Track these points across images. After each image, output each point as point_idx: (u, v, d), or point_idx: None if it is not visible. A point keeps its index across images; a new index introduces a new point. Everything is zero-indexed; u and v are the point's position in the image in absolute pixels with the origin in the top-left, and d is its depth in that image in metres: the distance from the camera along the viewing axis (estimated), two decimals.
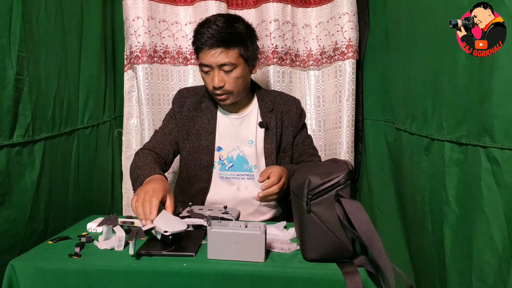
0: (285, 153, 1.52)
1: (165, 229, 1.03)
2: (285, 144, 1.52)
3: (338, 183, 0.98)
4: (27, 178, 1.20)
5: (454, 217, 1.01)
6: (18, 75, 1.15)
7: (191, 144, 1.50)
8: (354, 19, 1.79)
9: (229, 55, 1.34)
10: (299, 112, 1.55)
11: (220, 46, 1.33)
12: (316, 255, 1.00)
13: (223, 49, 1.34)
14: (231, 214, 1.30)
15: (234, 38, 1.35)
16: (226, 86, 1.38)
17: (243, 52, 1.37)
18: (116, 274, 0.98)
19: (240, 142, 1.49)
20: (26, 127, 1.18)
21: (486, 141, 0.88)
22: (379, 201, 1.66)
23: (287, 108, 1.53)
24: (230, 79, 1.37)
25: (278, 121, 1.49)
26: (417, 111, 1.20)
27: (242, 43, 1.37)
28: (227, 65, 1.35)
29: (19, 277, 0.99)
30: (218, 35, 1.33)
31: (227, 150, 1.49)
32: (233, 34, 1.35)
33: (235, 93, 1.41)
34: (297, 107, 1.56)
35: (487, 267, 0.89)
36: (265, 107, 1.50)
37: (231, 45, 1.34)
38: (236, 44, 1.35)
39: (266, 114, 1.49)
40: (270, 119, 1.49)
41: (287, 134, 1.51)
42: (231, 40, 1.34)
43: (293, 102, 1.57)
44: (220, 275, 0.97)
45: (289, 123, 1.52)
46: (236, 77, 1.38)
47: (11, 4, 1.12)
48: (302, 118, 1.57)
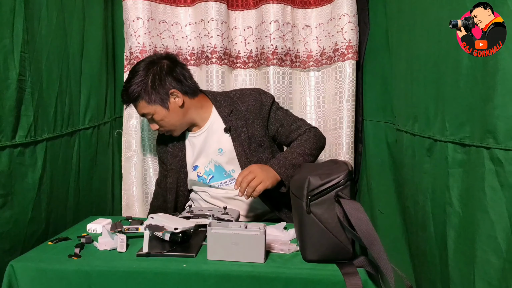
0: (262, 146, 1.49)
1: (175, 226, 1.02)
2: (259, 138, 1.49)
3: (338, 184, 0.98)
4: (29, 179, 1.20)
5: (458, 218, 1.01)
6: (21, 76, 1.15)
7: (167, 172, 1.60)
8: (354, 20, 1.79)
9: (139, 107, 1.45)
10: (258, 102, 1.50)
11: (128, 103, 1.47)
12: (316, 256, 0.99)
13: (132, 104, 1.46)
14: (231, 215, 1.30)
15: (131, 98, 1.43)
16: (160, 128, 1.48)
17: (148, 102, 1.43)
18: (116, 275, 0.98)
19: (211, 154, 1.51)
20: (28, 127, 1.18)
21: (489, 142, 0.87)
22: (379, 201, 1.66)
23: (245, 104, 1.50)
24: (158, 122, 1.46)
25: (240, 120, 1.49)
26: (419, 112, 1.19)
27: (141, 98, 1.42)
28: (145, 114, 1.46)
29: (19, 278, 0.99)
30: (124, 96, 1.46)
31: (203, 165, 1.52)
32: (129, 95, 1.43)
33: (172, 128, 1.49)
34: (255, 98, 1.51)
35: (490, 268, 0.89)
36: (225, 112, 1.50)
37: (132, 101, 1.45)
38: (136, 100, 1.43)
39: (227, 118, 1.49)
40: (231, 121, 1.49)
41: (256, 128, 1.48)
42: (130, 100, 1.45)
43: (249, 95, 1.52)
44: (220, 275, 0.96)
45: (254, 117, 1.49)
46: (159, 120, 1.45)
47: (13, 5, 1.12)
48: (265, 104, 1.51)
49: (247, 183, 1.29)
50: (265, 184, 1.31)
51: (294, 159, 1.39)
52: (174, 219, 1.10)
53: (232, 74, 1.92)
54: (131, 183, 1.89)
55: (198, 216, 1.27)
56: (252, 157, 1.47)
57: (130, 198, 1.89)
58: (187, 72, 1.51)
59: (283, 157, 1.40)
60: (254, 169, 1.32)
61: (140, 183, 1.88)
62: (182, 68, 1.49)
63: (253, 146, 1.48)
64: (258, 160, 1.47)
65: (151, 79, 1.42)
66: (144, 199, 1.89)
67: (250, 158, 1.46)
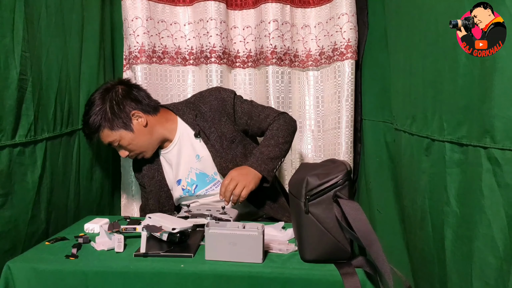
0: (233, 143, 1.48)
1: (172, 226, 1.02)
2: (229, 135, 1.47)
3: (336, 184, 0.98)
4: (28, 179, 1.20)
5: (455, 218, 1.01)
6: (22, 75, 1.15)
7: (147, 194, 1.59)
8: (353, 19, 1.79)
9: (103, 136, 1.43)
10: (220, 100, 1.49)
11: (91, 138, 1.46)
12: (314, 256, 0.99)
13: (96, 135, 1.44)
14: (229, 214, 1.29)
15: (93, 127, 1.42)
16: (130, 153, 1.46)
17: (110, 130, 1.42)
18: (113, 275, 0.98)
19: (190, 163, 1.51)
20: (28, 127, 1.18)
21: (487, 141, 0.87)
22: (377, 201, 1.66)
23: (208, 105, 1.49)
24: (126, 148, 1.45)
25: (207, 122, 1.48)
26: (417, 112, 1.19)
27: (104, 125, 1.42)
28: (112, 142, 1.44)
29: (16, 278, 0.99)
30: (84, 129, 1.46)
31: (184, 177, 1.52)
32: (91, 125, 1.42)
33: (143, 150, 1.47)
34: (216, 97, 1.50)
35: (488, 268, 0.89)
36: (189, 118, 1.50)
37: (95, 132, 1.43)
38: (99, 128, 1.42)
39: (193, 123, 1.49)
40: (199, 125, 1.48)
41: (224, 126, 1.47)
42: (91, 130, 1.43)
43: (209, 95, 1.52)
44: (218, 276, 0.96)
45: (219, 115, 1.48)
46: (127, 144, 1.44)
47: (14, 4, 1.12)
48: (227, 102, 1.49)
49: (230, 192, 1.31)
50: (248, 188, 1.32)
51: (271, 152, 1.39)
52: (172, 219, 1.10)
53: (231, 73, 1.91)
54: (129, 183, 1.89)
55: (196, 216, 1.27)
56: (227, 155, 1.46)
57: (128, 197, 1.89)
58: (144, 91, 1.52)
59: (260, 152, 1.40)
60: (235, 176, 1.33)
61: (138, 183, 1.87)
62: (138, 89, 1.51)
63: (225, 144, 1.47)
64: (233, 157, 1.46)
65: (109, 106, 1.42)
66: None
67: (225, 157, 1.46)
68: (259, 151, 1.41)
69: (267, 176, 1.36)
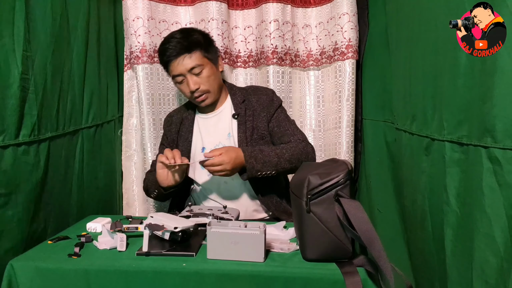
0: (263, 139, 1.53)
1: (174, 225, 1.03)
2: (261, 131, 1.54)
3: (338, 183, 0.98)
4: (32, 178, 1.20)
5: (455, 217, 1.01)
6: (24, 75, 1.15)
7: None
8: (354, 19, 1.79)
9: (193, 58, 1.47)
10: (269, 98, 1.58)
11: (183, 53, 1.47)
12: (316, 255, 1.00)
13: (186, 54, 1.47)
14: (230, 214, 1.30)
15: (192, 43, 1.48)
16: (201, 87, 1.49)
17: (205, 53, 1.49)
18: (115, 274, 0.98)
19: (220, 137, 1.55)
20: (32, 126, 1.19)
21: (487, 141, 0.88)
22: (378, 201, 1.66)
23: (257, 97, 1.58)
24: (203, 79, 1.48)
25: (249, 110, 1.55)
26: (417, 111, 1.19)
27: (201, 46, 1.49)
28: (195, 68, 1.47)
29: (19, 277, 0.99)
30: (180, 44, 1.47)
31: (210, 147, 1.53)
32: (191, 40, 1.48)
33: (212, 91, 1.51)
34: (267, 94, 1.59)
35: (488, 267, 0.89)
36: (237, 100, 1.58)
37: (191, 49, 1.47)
38: (195, 47, 1.48)
39: (238, 105, 1.56)
40: (241, 109, 1.55)
41: (260, 121, 1.54)
42: (191, 45, 1.47)
43: (263, 91, 1.61)
44: (220, 275, 0.97)
45: (261, 110, 1.55)
46: (207, 76, 1.49)
47: (13, 4, 1.12)
48: (274, 104, 1.57)
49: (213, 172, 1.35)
50: (226, 173, 1.35)
51: (269, 157, 1.40)
52: (174, 218, 1.11)
53: (233, 73, 1.92)
54: (131, 182, 1.89)
55: (197, 215, 1.27)
56: (252, 147, 1.48)
57: (130, 197, 1.89)
58: None
59: (259, 149, 1.42)
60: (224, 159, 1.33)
61: (140, 182, 1.87)
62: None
63: (255, 137, 1.52)
64: None
65: (210, 38, 1.56)
66: (144, 198, 1.88)
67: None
68: (260, 148, 1.44)
69: (248, 173, 1.38)
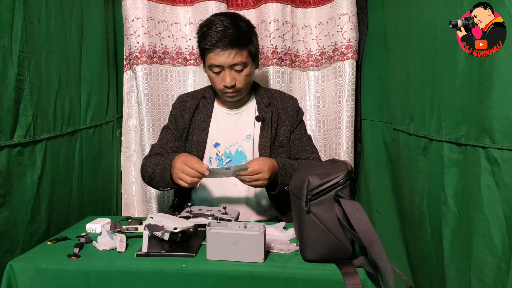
0: (282, 148, 1.52)
1: (174, 226, 1.02)
2: (282, 139, 1.53)
3: (337, 184, 0.98)
4: (27, 179, 1.20)
5: (453, 218, 1.01)
6: (19, 75, 1.15)
7: (187, 142, 1.54)
8: (354, 19, 1.79)
9: (241, 55, 1.40)
10: (296, 108, 1.58)
11: (233, 47, 1.37)
12: (316, 255, 1.00)
13: (237, 50, 1.38)
14: (230, 214, 1.30)
15: (244, 38, 1.40)
16: (237, 84, 1.43)
17: (252, 50, 1.44)
18: (115, 275, 0.98)
19: (238, 137, 1.51)
20: (27, 127, 1.18)
21: (485, 141, 0.88)
22: (376, 201, 1.66)
23: (284, 104, 1.56)
24: (241, 77, 1.43)
25: (274, 115, 1.52)
26: (415, 112, 1.19)
27: (250, 42, 1.43)
28: (239, 65, 1.41)
29: (18, 277, 0.99)
30: (230, 36, 1.36)
31: (225, 145, 1.51)
32: (242, 35, 1.40)
33: (244, 90, 1.48)
34: (294, 104, 1.59)
35: (486, 267, 0.89)
36: (262, 102, 1.54)
37: (242, 45, 1.39)
38: (246, 44, 1.41)
39: (263, 108, 1.53)
40: (266, 113, 1.52)
41: (283, 129, 1.53)
42: (241, 40, 1.39)
43: (290, 99, 1.60)
44: (219, 275, 0.97)
45: (286, 118, 1.54)
46: (246, 75, 1.44)
47: (13, 4, 1.12)
48: (299, 115, 1.59)
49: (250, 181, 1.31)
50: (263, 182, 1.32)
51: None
52: (174, 218, 1.10)
53: None
54: (130, 183, 1.89)
55: (197, 215, 1.27)
56: (271, 154, 1.48)
57: (130, 197, 1.89)
58: None
59: (290, 163, 1.42)
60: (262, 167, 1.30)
61: (139, 182, 1.88)
62: None
63: (276, 144, 1.51)
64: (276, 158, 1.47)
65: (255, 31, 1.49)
66: (143, 198, 1.89)
67: (267, 154, 1.47)
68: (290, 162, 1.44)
69: (280, 187, 1.38)
